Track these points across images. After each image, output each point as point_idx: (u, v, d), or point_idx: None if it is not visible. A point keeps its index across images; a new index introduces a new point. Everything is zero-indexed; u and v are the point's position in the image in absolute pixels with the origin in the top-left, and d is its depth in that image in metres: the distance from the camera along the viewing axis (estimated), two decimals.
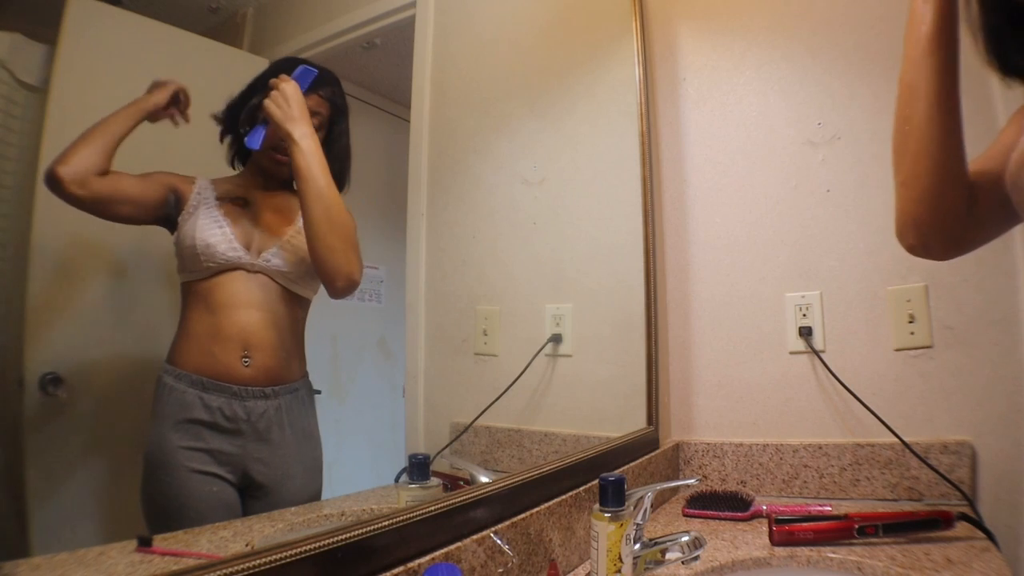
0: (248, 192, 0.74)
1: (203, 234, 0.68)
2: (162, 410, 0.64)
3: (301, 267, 0.75)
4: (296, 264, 0.74)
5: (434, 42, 1.06)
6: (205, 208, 0.69)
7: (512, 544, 0.76)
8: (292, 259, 0.74)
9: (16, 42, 0.54)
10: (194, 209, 0.69)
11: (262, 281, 0.72)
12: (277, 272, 0.73)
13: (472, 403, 1.05)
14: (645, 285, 1.38)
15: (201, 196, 0.69)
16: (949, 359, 1.21)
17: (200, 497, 0.66)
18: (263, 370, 0.70)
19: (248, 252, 0.71)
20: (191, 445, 0.65)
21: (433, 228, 1.04)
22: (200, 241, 0.68)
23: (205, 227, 0.68)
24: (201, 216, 0.69)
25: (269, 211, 0.75)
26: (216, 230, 0.69)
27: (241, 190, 0.74)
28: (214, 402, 0.66)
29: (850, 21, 1.35)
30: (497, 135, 1.21)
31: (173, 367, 0.65)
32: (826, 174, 1.35)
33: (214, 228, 0.69)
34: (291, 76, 0.74)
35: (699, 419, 1.44)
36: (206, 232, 0.68)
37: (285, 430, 0.72)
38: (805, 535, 0.96)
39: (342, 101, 0.82)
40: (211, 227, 0.69)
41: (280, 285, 0.73)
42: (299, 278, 0.75)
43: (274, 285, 0.73)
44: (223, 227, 0.70)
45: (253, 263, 0.71)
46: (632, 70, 1.47)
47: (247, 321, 0.70)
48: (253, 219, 0.73)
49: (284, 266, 0.73)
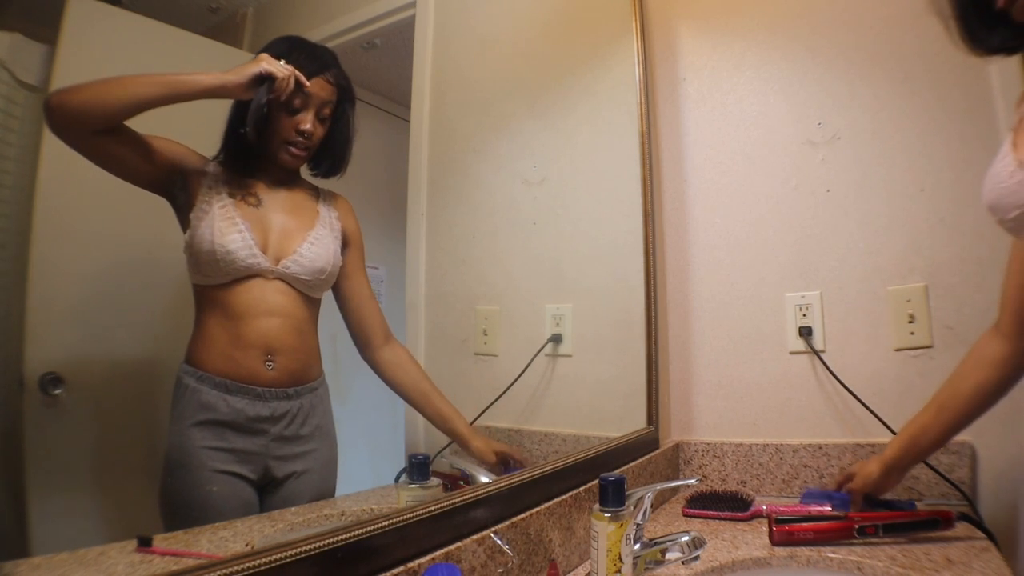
0: (257, 187, 0.72)
1: (222, 239, 0.66)
2: (183, 410, 0.64)
3: (320, 275, 0.74)
4: (315, 272, 0.74)
5: (434, 42, 1.06)
6: (220, 206, 0.67)
7: (512, 544, 0.76)
8: (311, 267, 0.73)
9: (16, 42, 0.54)
10: (207, 206, 0.66)
11: (280, 287, 0.71)
12: (295, 279, 0.72)
13: (472, 403, 1.05)
14: (645, 285, 1.38)
15: (212, 190, 0.67)
16: (949, 359, 1.20)
17: (222, 496, 0.66)
18: (286, 372, 0.70)
19: (267, 257, 0.70)
20: (214, 445, 0.65)
21: (433, 228, 1.04)
22: (220, 247, 0.66)
23: (224, 231, 0.66)
24: (217, 217, 0.66)
25: (283, 212, 0.74)
26: (235, 235, 0.67)
27: (251, 185, 0.72)
28: (238, 403, 0.66)
29: (850, 21, 1.35)
30: (497, 135, 1.21)
31: (194, 368, 0.65)
32: (826, 174, 1.35)
33: (233, 233, 0.67)
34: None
35: (699, 419, 1.44)
36: (226, 237, 0.66)
37: (306, 428, 0.73)
38: (805, 535, 0.96)
39: (347, 83, 0.79)
40: (230, 231, 0.67)
41: (297, 291, 0.73)
42: (316, 285, 0.75)
43: (291, 290, 0.72)
44: (242, 231, 0.68)
45: (273, 270, 0.70)
46: (632, 70, 1.47)
47: (268, 327, 0.70)
48: (268, 221, 0.72)
49: (303, 273, 0.73)
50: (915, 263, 1.25)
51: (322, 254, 0.75)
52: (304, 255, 0.73)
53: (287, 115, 0.73)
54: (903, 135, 1.27)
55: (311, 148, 0.76)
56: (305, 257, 0.73)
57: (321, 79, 0.75)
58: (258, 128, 0.70)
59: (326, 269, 0.75)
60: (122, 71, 0.63)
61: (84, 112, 0.57)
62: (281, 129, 0.73)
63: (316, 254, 0.74)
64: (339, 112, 0.79)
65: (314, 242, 0.75)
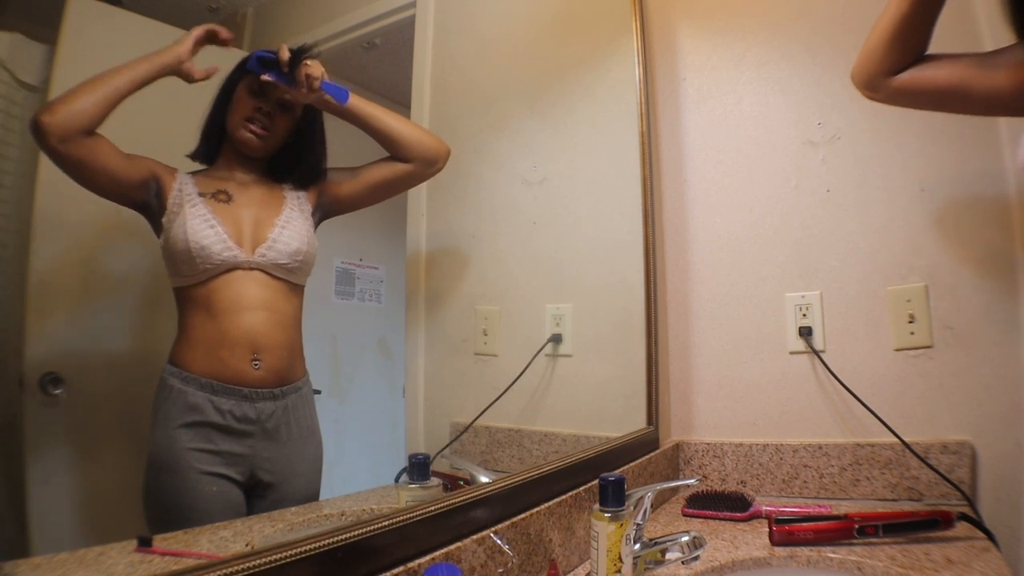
0: (227, 184, 0.73)
1: (196, 236, 0.66)
2: (168, 412, 0.64)
3: (297, 256, 0.75)
4: (291, 255, 0.74)
5: (434, 42, 1.06)
6: (191, 206, 0.67)
7: (512, 544, 0.76)
8: (285, 250, 0.74)
9: (16, 42, 0.54)
10: (178, 208, 0.67)
11: (260, 279, 0.72)
12: (274, 265, 0.73)
13: (472, 403, 1.05)
14: (645, 285, 1.38)
15: (183, 193, 0.68)
16: (949, 359, 1.21)
17: (209, 498, 0.65)
18: (272, 371, 0.71)
19: (242, 250, 0.70)
20: (201, 447, 0.65)
21: (433, 228, 1.04)
22: (194, 244, 0.66)
23: (197, 228, 0.67)
24: (190, 216, 0.67)
25: (253, 204, 0.75)
26: (208, 230, 0.68)
27: (220, 183, 0.72)
28: (225, 405, 0.66)
29: (850, 21, 1.34)
30: (497, 135, 1.21)
31: (179, 370, 0.65)
32: (826, 174, 1.35)
33: (206, 229, 0.68)
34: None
35: (699, 419, 1.44)
36: (199, 234, 0.67)
37: (292, 429, 0.73)
38: (805, 535, 0.96)
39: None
40: (203, 228, 0.67)
41: (278, 279, 0.73)
42: (296, 268, 0.75)
43: (272, 281, 0.72)
44: (215, 226, 0.68)
45: (249, 260, 0.71)
46: (632, 70, 1.47)
47: (253, 323, 0.70)
48: (240, 214, 0.72)
49: (279, 258, 0.73)
50: (915, 263, 1.25)
51: (295, 235, 0.75)
52: (277, 239, 0.73)
53: (250, 95, 0.75)
54: (903, 135, 1.27)
55: (271, 133, 0.77)
56: (279, 241, 0.73)
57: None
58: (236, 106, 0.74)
59: (302, 249, 0.75)
60: None
61: (74, 117, 0.58)
62: (242, 107, 0.74)
63: (289, 236, 0.75)
64: (308, 112, 0.81)
65: (284, 225, 0.75)
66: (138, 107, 0.62)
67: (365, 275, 0.91)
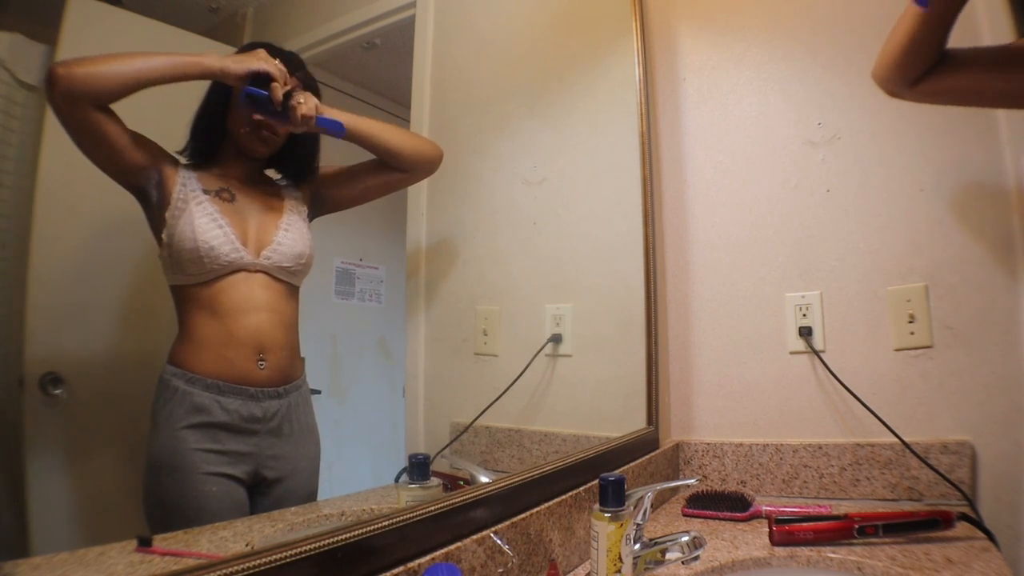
0: (228, 183, 0.72)
1: (205, 235, 0.66)
2: (172, 413, 0.64)
3: (300, 259, 0.75)
4: (295, 258, 0.75)
5: (434, 42, 1.06)
6: (196, 204, 0.66)
7: (512, 544, 0.76)
8: (290, 253, 0.74)
9: (16, 42, 0.54)
10: (184, 204, 0.66)
11: (263, 281, 0.72)
12: (278, 268, 0.73)
13: (472, 403, 1.05)
14: (645, 285, 1.38)
15: (187, 188, 0.67)
16: (949, 359, 1.21)
17: (214, 498, 0.65)
18: (276, 371, 0.71)
19: (248, 251, 0.70)
20: (207, 447, 0.65)
21: (433, 228, 1.04)
22: (203, 243, 0.66)
23: (205, 227, 0.66)
24: (197, 214, 0.66)
25: (254, 204, 0.74)
26: (217, 230, 0.67)
27: (222, 181, 0.72)
28: (231, 405, 0.66)
29: (850, 21, 1.34)
30: (497, 135, 1.21)
31: (182, 370, 0.64)
32: (826, 174, 1.35)
33: (215, 228, 0.67)
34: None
35: (699, 419, 1.44)
36: (208, 233, 0.66)
37: (294, 426, 0.73)
38: (805, 535, 0.96)
39: (315, 85, 0.81)
40: (211, 227, 0.67)
41: (280, 280, 0.73)
42: (298, 271, 0.75)
43: (274, 282, 0.73)
44: (223, 226, 0.68)
45: (254, 262, 0.71)
46: (632, 70, 1.47)
47: (258, 323, 0.70)
48: (245, 215, 0.72)
49: (284, 260, 0.73)
50: (915, 263, 1.25)
51: (298, 239, 0.76)
52: (282, 242, 0.74)
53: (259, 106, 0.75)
54: (903, 135, 1.27)
55: (278, 137, 0.77)
56: (283, 244, 0.74)
57: (292, 79, 0.77)
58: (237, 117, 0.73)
59: (304, 252, 0.76)
60: None
61: (90, 82, 0.57)
62: (245, 112, 0.73)
63: (293, 239, 0.75)
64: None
65: (288, 228, 0.75)
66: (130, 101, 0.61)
67: (365, 275, 0.91)
